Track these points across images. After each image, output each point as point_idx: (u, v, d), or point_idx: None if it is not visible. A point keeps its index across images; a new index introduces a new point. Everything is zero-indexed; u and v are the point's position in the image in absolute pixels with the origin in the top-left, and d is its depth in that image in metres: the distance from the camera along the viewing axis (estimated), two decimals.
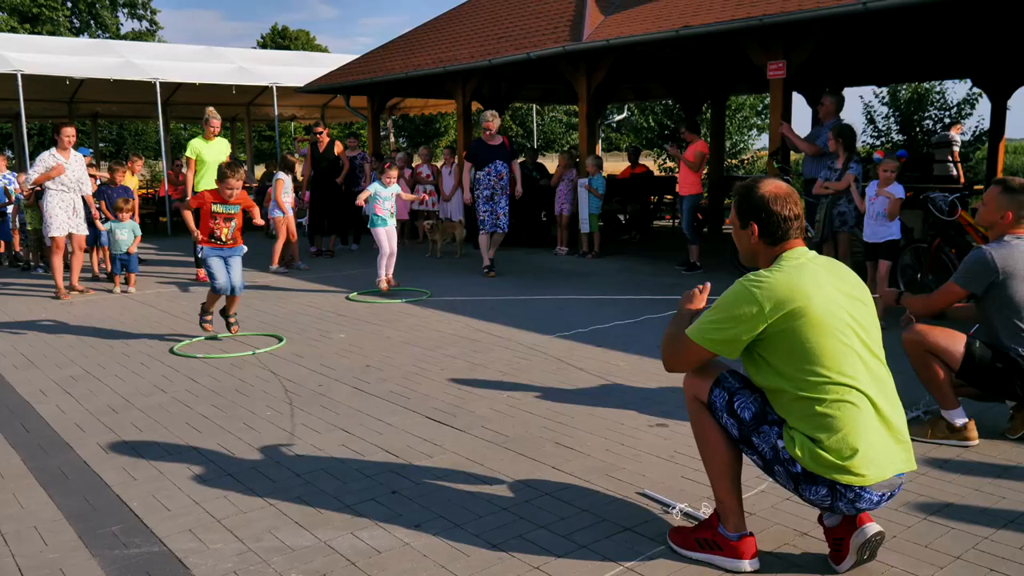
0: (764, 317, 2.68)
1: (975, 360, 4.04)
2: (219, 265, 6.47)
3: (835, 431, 2.66)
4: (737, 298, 2.74)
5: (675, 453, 4.04)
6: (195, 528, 3.29)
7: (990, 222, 4.20)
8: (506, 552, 3.07)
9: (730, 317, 2.73)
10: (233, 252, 6.60)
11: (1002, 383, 4.07)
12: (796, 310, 2.67)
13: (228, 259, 6.55)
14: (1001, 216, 4.12)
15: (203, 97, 17.03)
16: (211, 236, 6.48)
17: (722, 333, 2.74)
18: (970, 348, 4.05)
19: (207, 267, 6.51)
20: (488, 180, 9.93)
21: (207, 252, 6.50)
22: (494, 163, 9.87)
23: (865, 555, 2.83)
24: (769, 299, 2.68)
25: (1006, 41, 10.93)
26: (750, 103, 27.20)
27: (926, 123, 20.81)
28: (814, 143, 8.52)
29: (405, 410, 4.80)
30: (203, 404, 4.96)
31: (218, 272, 6.46)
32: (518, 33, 12.48)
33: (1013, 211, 4.10)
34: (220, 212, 6.45)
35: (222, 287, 6.46)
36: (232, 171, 6.46)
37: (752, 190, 2.90)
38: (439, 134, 42.98)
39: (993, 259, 4.03)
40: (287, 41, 49.37)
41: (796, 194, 2.89)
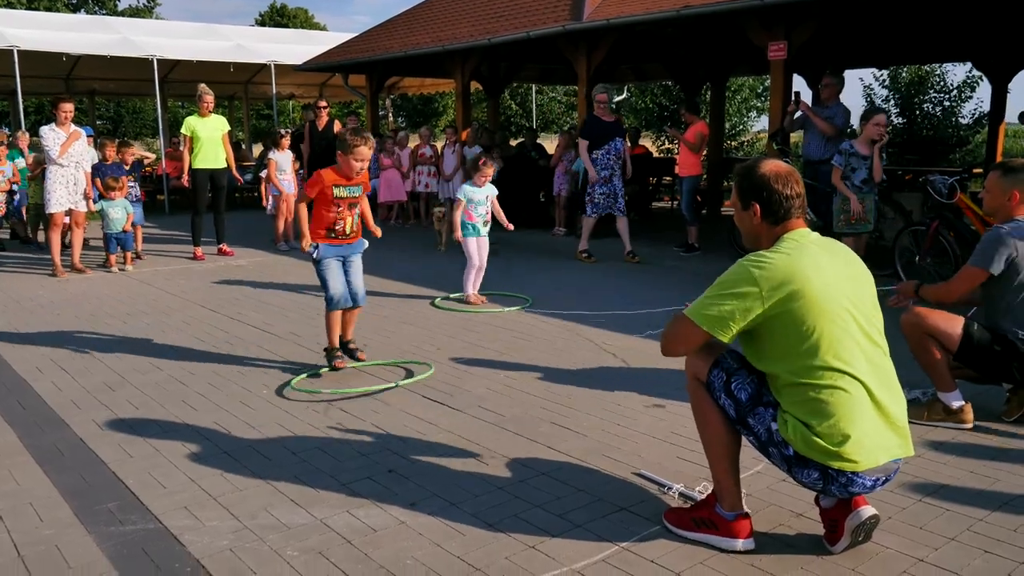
0: (761, 298, 2.67)
1: (973, 343, 4.04)
2: (336, 270, 5.04)
3: (827, 417, 2.65)
4: (736, 277, 2.73)
5: (672, 434, 4.04)
6: (191, 505, 3.29)
7: (996, 207, 4.17)
8: (501, 531, 3.07)
9: (727, 294, 2.72)
10: (354, 249, 5.17)
11: (999, 366, 4.08)
12: (794, 292, 2.65)
13: (347, 259, 5.14)
14: (1008, 197, 4.11)
15: (201, 75, 16.90)
16: (329, 230, 5.04)
17: (717, 310, 2.72)
18: (968, 330, 4.05)
19: (320, 272, 5.04)
20: (607, 160, 9.30)
21: (324, 252, 5.02)
22: (613, 141, 9.27)
23: (860, 537, 2.84)
24: (768, 280, 2.67)
25: (1007, 24, 10.86)
26: (750, 85, 27.07)
27: (926, 106, 20.70)
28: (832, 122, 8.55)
29: (402, 389, 4.80)
30: (199, 382, 4.96)
31: (333, 279, 5.01)
32: (518, 12, 12.39)
33: (1019, 190, 4.08)
34: (343, 197, 5.01)
35: (340, 298, 5.02)
36: (361, 138, 4.94)
37: (753, 170, 2.88)
38: (438, 114, 42.82)
39: (1010, 234, 4.01)
40: (285, 19, 49.07)
41: (797, 173, 2.88)
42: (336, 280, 5.02)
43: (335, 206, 4.99)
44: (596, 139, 9.38)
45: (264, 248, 10.63)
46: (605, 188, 9.35)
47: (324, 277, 5.02)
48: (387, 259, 9.57)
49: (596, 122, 9.43)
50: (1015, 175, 4.10)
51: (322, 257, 5.01)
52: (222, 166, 9.77)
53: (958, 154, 19.84)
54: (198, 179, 9.66)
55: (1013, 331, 4.04)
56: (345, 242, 5.08)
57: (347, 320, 5.22)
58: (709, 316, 2.74)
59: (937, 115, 20.65)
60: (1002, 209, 4.15)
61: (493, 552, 2.92)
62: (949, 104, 20.64)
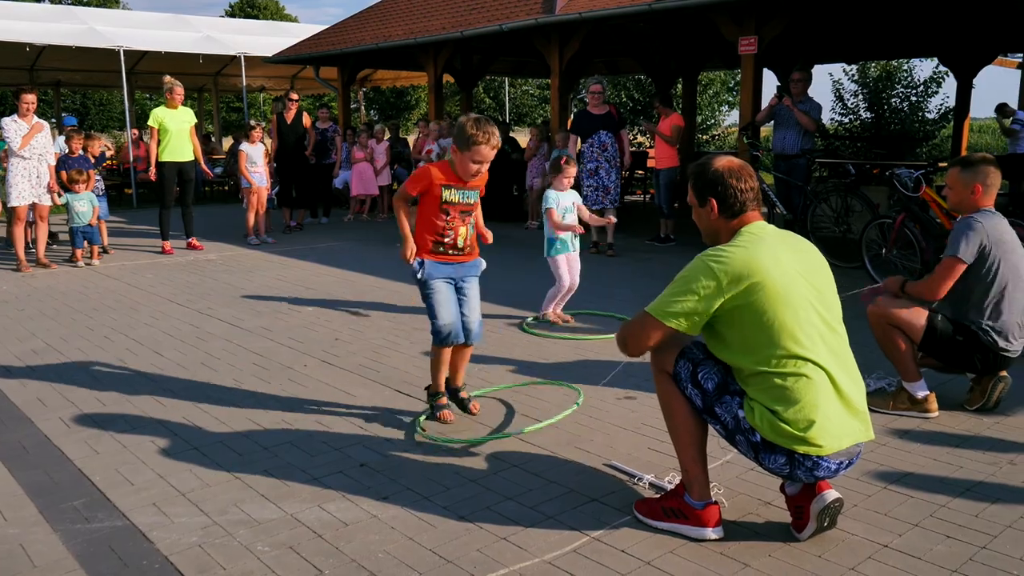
0: (722, 291, 2.70)
1: (936, 334, 4.11)
2: (446, 295, 4.02)
3: (792, 403, 2.70)
4: (695, 272, 2.77)
5: (642, 425, 4.07)
6: (159, 502, 3.27)
7: (960, 201, 4.23)
8: (473, 523, 3.08)
9: (688, 290, 2.75)
10: (468, 270, 4.12)
11: (962, 356, 4.15)
12: (754, 285, 2.69)
13: (461, 281, 4.11)
14: (971, 191, 4.17)
15: (169, 66, 16.68)
16: (436, 244, 4.02)
17: (679, 306, 2.76)
18: (932, 322, 4.11)
19: (427, 297, 4.02)
20: (591, 152, 9.45)
21: (430, 270, 4.01)
22: (598, 134, 9.47)
23: (825, 522, 2.88)
24: (727, 273, 2.71)
25: (971, 21, 11.02)
26: (721, 79, 27.26)
27: (893, 101, 20.97)
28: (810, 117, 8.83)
29: (374, 383, 4.79)
30: (168, 378, 4.91)
31: (443, 306, 3.99)
32: (490, 5, 12.36)
33: (980, 182, 4.15)
34: (454, 202, 3.95)
35: (451, 331, 3.99)
36: (484, 132, 3.78)
37: (706, 167, 2.95)
38: (411, 107, 42.62)
39: (983, 225, 4.07)
40: (255, 10, 48.54)
41: (750, 167, 2.94)
42: (446, 308, 3.99)
43: (443, 213, 3.94)
44: (583, 132, 9.57)
45: (235, 242, 10.54)
46: (592, 181, 9.45)
47: (431, 303, 4.00)
48: (362, 254, 9.55)
49: (584, 115, 9.63)
50: (974, 169, 4.17)
51: (429, 278, 3.99)
52: (190, 159, 9.66)
53: (925, 148, 20.12)
54: (165, 172, 9.54)
55: (978, 323, 4.10)
56: (456, 259, 4.04)
57: (457, 361, 4.20)
58: (671, 312, 2.77)
59: (904, 110, 20.94)
60: (966, 203, 4.21)
61: (465, 544, 2.93)
62: (916, 99, 20.94)
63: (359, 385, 4.75)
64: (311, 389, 4.69)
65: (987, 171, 4.15)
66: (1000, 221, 4.13)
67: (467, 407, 4.24)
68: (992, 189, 4.17)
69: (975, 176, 4.15)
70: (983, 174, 4.15)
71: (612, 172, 9.45)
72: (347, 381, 4.82)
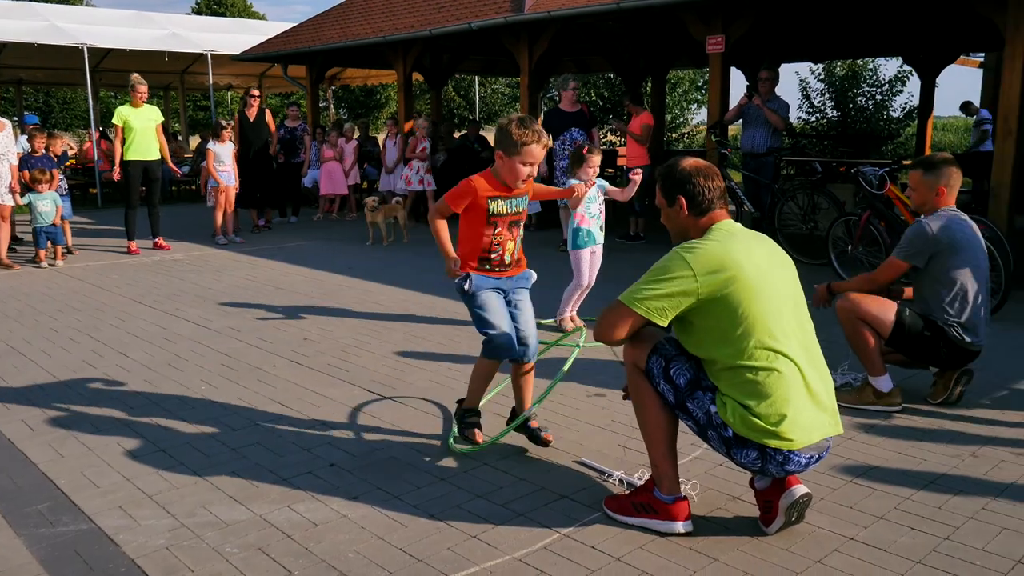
0: (696, 283, 2.73)
1: (905, 328, 4.17)
2: (497, 303, 3.64)
3: (764, 397, 2.73)
4: (670, 263, 2.80)
5: (612, 422, 4.09)
6: (125, 505, 3.23)
7: (924, 202, 4.30)
8: (444, 522, 3.08)
9: (662, 280, 2.78)
10: (517, 282, 3.75)
11: (929, 350, 4.22)
12: (729, 277, 2.73)
13: (511, 294, 3.73)
14: (936, 193, 4.24)
15: (134, 64, 16.47)
16: (482, 260, 3.65)
17: (650, 294, 2.79)
18: (901, 317, 4.17)
19: (475, 308, 3.62)
20: (563, 150, 9.44)
21: (477, 283, 3.61)
22: (569, 131, 9.49)
23: (793, 516, 2.92)
24: (702, 265, 2.74)
25: (934, 21, 11.19)
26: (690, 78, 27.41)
27: (859, 99, 21.24)
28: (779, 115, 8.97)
29: (343, 383, 4.76)
30: (135, 380, 4.85)
31: (495, 313, 3.60)
32: (460, 3, 12.33)
33: (944, 184, 4.22)
34: (503, 213, 3.61)
35: (505, 340, 3.60)
36: (531, 131, 3.47)
37: (674, 167, 3.01)
38: (380, 105, 42.41)
39: (934, 231, 4.14)
40: (223, 7, 48.00)
41: (716, 168, 3.01)
42: (499, 316, 3.59)
43: (491, 226, 3.58)
44: (555, 130, 9.59)
45: (203, 242, 10.43)
46: (564, 179, 9.39)
47: (481, 313, 3.59)
48: (331, 254, 9.49)
49: (555, 113, 9.68)
50: (937, 170, 4.25)
51: (477, 289, 3.59)
52: (156, 158, 9.54)
53: (889, 146, 20.39)
54: (130, 171, 9.41)
55: (944, 318, 4.17)
56: (504, 275, 3.68)
57: (521, 383, 3.76)
58: (644, 301, 2.80)
59: (870, 108, 21.21)
60: (929, 204, 4.28)
61: (435, 543, 2.92)
62: (881, 98, 21.22)
63: (328, 385, 4.72)
64: (280, 389, 4.65)
65: (950, 172, 4.23)
66: (956, 220, 4.20)
67: (540, 437, 3.70)
68: (954, 189, 4.25)
69: (938, 178, 4.23)
70: (946, 175, 4.23)
71: None
72: (316, 381, 4.80)
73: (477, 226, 3.60)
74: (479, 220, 3.59)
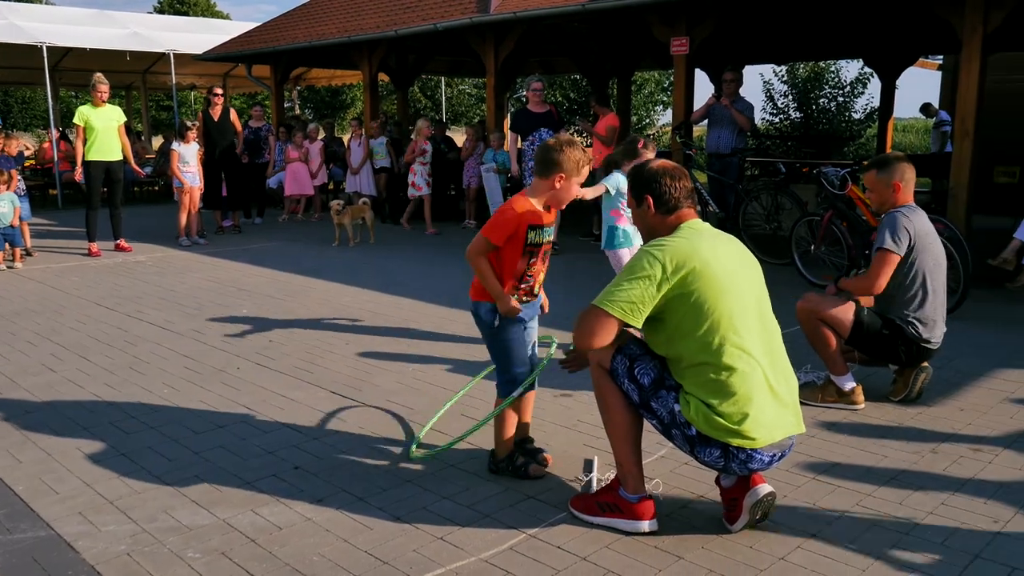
0: (666, 277, 2.75)
1: (864, 328, 4.23)
2: (522, 338, 3.48)
3: (728, 396, 2.75)
4: (639, 262, 2.82)
5: (578, 422, 4.11)
6: (85, 511, 3.17)
7: (883, 201, 4.36)
8: (410, 524, 3.06)
9: (633, 279, 2.79)
10: (534, 308, 3.58)
11: (887, 349, 4.28)
12: (695, 271, 2.75)
13: (529, 321, 3.58)
14: (892, 189, 4.30)
15: (95, 63, 16.21)
16: (513, 288, 3.42)
17: (624, 294, 2.79)
18: (859, 316, 4.23)
19: (504, 342, 3.43)
20: (532, 151, 9.45)
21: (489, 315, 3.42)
22: (538, 131, 9.47)
23: (757, 514, 2.94)
24: (671, 259, 2.76)
25: (894, 24, 11.37)
26: (656, 79, 27.60)
27: (822, 101, 21.53)
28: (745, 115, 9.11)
29: (309, 385, 4.72)
30: (95, 384, 4.77)
31: (520, 350, 3.46)
32: (426, 4, 12.30)
33: (898, 179, 4.28)
34: (538, 243, 3.41)
35: (525, 377, 3.44)
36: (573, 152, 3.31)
37: (643, 167, 3.06)
38: (346, 106, 42.17)
39: (910, 220, 4.21)
40: (186, 6, 47.41)
41: (684, 170, 3.04)
42: (523, 353, 3.47)
43: (526, 256, 3.39)
44: (523, 131, 9.61)
45: (166, 243, 10.29)
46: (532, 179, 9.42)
47: (511, 348, 3.42)
48: (295, 255, 9.41)
49: (524, 113, 9.67)
50: (890, 167, 4.32)
51: (506, 323, 3.41)
52: (118, 158, 9.39)
53: (852, 147, 20.69)
54: (92, 172, 9.26)
55: (903, 316, 4.23)
56: (529, 300, 3.52)
57: (524, 408, 3.63)
58: (618, 302, 2.80)
59: (832, 110, 21.52)
60: (888, 201, 4.34)
61: (401, 545, 2.91)
62: (843, 99, 21.53)
63: (293, 387, 4.68)
64: (244, 392, 4.60)
65: (903, 168, 4.30)
66: (922, 215, 4.28)
67: (538, 457, 3.57)
68: (910, 184, 4.31)
69: (892, 174, 4.29)
70: (899, 171, 4.29)
71: None
72: (281, 383, 4.75)
73: (514, 256, 3.36)
74: (517, 250, 3.35)
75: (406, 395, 4.54)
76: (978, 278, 6.84)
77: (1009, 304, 6.76)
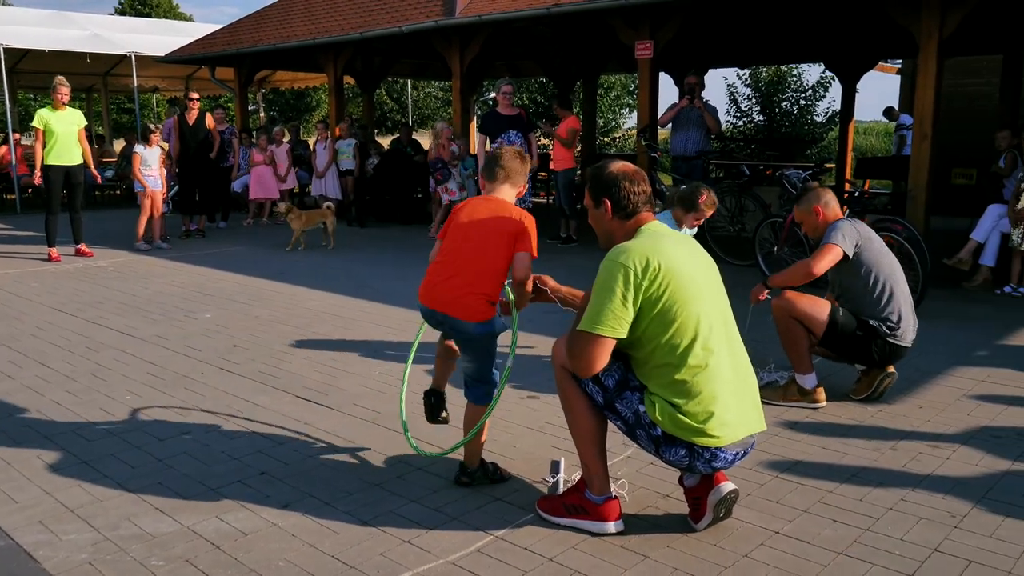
0: (638, 278, 2.75)
1: (838, 328, 4.29)
2: None
3: (693, 396, 2.78)
4: (607, 274, 2.81)
5: (545, 424, 4.12)
6: (46, 519, 3.12)
7: (813, 228, 4.51)
8: (376, 527, 3.06)
9: (607, 291, 2.78)
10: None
11: (860, 349, 4.35)
12: (662, 267, 2.75)
13: None
14: (814, 214, 4.48)
15: (54, 65, 15.94)
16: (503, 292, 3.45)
17: (607, 311, 2.76)
18: (834, 316, 4.30)
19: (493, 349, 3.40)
20: None
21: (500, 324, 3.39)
22: (506, 134, 9.52)
23: (721, 512, 2.98)
24: (636, 261, 2.76)
25: (854, 29, 11.55)
26: (621, 83, 27.76)
27: (784, 104, 21.80)
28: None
29: (274, 389, 4.69)
30: (56, 390, 4.70)
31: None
32: (391, 6, 12.27)
33: (816, 204, 4.45)
34: None
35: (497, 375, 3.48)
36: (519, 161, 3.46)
37: (602, 170, 3.04)
38: (311, 108, 41.88)
39: (855, 227, 4.31)
40: (147, 8, 46.80)
41: (643, 172, 3.05)
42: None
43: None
44: (491, 133, 9.66)
45: (128, 248, 10.14)
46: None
47: (493, 356, 3.41)
48: (261, 259, 9.33)
49: (493, 116, 9.73)
50: (804, 198, 4.54)
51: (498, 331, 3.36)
52: (78, 162, 9.25)
53: (814, 150, 20.98)
54: (51, 176, 9.11)
55: (877, 317, 4.30)
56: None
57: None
58: (606, 321, 2.78)
59: (794, 113, 21.80)
60: (817, 226, 4.48)
61: (368, 549, 2.90)
62: (805, 103, 21.82)
63: (258, 392, 4.65)
64: (208, 398, 4.56)
65: (817, 194, 4.50)
66: (862, 224, 4.40)
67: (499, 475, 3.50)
68: (832, 203, 4.48)
69: (809, 202, 4.50)
70: (814, 198, 4.48)
71: None
72: (246, 388, 4.71)
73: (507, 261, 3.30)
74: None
75: (372, 399, 4.52)
76: (936, 278, 6.97)
77: (966, 303, 6.90)
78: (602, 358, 2.83)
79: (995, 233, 7.51)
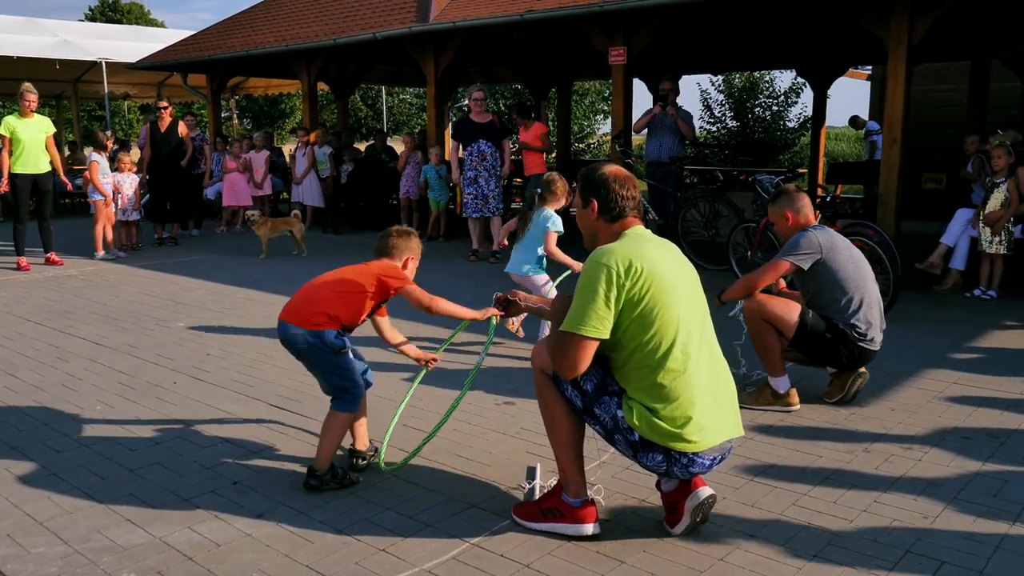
0: (620, 279, 2.75)
1: (808, 330, 4.33)
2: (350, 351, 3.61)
3: (670, 401, 2.79)
4: (589, 274, 2.82)
5: (521, 429, 4.11)
6: (14, 532, 3.07)
7: (785, 231, 4.57)
8: (351, 536, 3.03)
9: (590, 291, 2.78)
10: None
11: (829, 351, 4.38)
12: (645, 270, 2.76)
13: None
14: (784, 219, 4.52)
15: (22, 72, 15.73)
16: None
17: (590, 311, 2.77)
18: (804, 318, 4.33)
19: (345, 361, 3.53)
20: (471, 160, 9.54)
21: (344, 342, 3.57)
22: (477, 142, 9.54)
23: (698, 517, 2.98)
24: (619, 262, 2.77)
25: (824, 36, 11.69)
26: (596, 89, 27.89)
27: (757, 110, 21.99)
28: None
29: (247, 398, 4.65)
30: (24, 401, 4.62)
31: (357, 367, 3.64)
32: (364, 12, 12.24)
33: (788, 210, 4.48)
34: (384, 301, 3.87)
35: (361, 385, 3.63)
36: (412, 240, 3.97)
37: (594, 170, 3.06)
38: (285, 115, 41.67)
39: (817, 239, 4.33)
40: (118, 15, 46.37)
41: (635, 179, 3.06)
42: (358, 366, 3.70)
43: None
44: (464, 139, 9.68)
45: (86, 255, 9.99)
46: (471, 188, 9.60)
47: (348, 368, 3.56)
48: (234, 267, 9.25)
49: (466, 123, 9.74)
50: (779, 200, 4.57)
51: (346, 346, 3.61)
52: (45, 170, 9.12)
53: (786, 155, 21.17)
54: (18, 184, 8.97)
55: (845, 321, 4.34)
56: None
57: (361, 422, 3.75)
58: (585, 321, 2.78)
59: (767, 119, 21.99)
60: (791, 230, 4.51)
61: (343, 558, 2.88)
62: (777, 109, 22.02)
63: (232, 401, 4.60)
64: (180, 407, 4.51)
65: (792, 198, 4.53)
66: (829, 231, 4.45)
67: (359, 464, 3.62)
68: (803, 209, 4.50)
69: (782, 206, 4.53)
70: (787, 202, 4.52)
71: (492, 181, 9.61)
72: (219, 397, 4.67)
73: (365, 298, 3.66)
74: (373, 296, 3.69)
75: None
76: (907, 281, 7.06)
77: (936, 306, 6.99)
78: (586, 359, 2.84)
79: (965, 237, 7.62)
